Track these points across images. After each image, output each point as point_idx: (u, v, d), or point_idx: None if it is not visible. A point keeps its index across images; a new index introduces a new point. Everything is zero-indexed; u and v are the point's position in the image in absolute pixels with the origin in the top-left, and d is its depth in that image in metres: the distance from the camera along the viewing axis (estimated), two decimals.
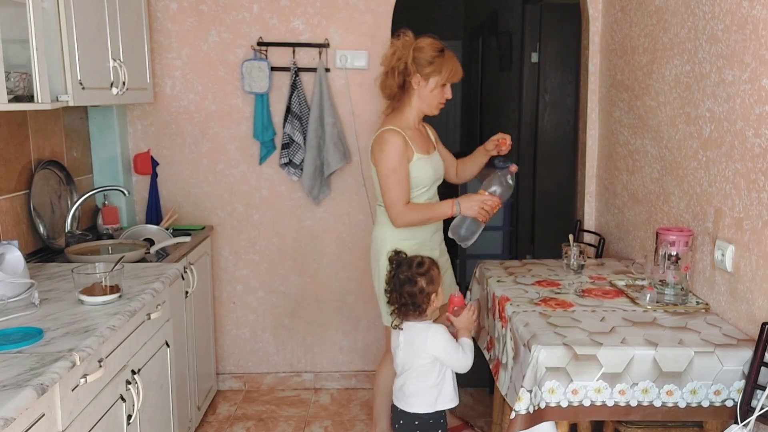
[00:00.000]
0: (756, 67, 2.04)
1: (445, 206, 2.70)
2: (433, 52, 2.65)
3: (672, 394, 1.96)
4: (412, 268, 2.29)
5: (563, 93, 5.17)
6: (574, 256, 2.77)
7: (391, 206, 2.64)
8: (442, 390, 2.37)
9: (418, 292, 2.28)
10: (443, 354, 2.30)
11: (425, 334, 2.30)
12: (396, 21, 3.54)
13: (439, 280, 2.34)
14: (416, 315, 2.32)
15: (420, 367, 2.33)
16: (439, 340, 2.29)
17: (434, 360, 2.32)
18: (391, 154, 2.61)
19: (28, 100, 2.17)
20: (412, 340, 2.32)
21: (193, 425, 3.10)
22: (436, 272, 2.33)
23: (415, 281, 2.28)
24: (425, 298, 2.29)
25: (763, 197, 2.00)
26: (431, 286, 2.30)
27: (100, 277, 2.07)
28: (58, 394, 1.60)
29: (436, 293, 2.32)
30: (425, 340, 2.29)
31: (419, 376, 2.33)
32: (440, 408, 2.38)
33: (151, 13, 3.38)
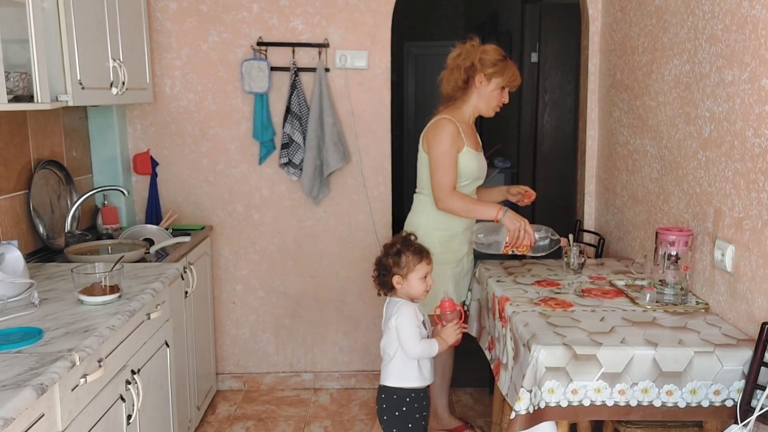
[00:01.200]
0: (756, 66, 2.04)
1: (491, 208, 2.76)
2: (498, 56, 2.83)
3: (672, 394, 1.96)
4: (389, 243, 2.46)
5: (563, 93, 5.18)
6: (574, 256, 2.77)
7: (438, 187, 2.76)
8: (407, 366, 2.41)
9: (384, 267, 2.41)
10: (400, 329, 2.38)
11: (394, 307, 2.41)
12: (396, 21, 3.55)
13: (412, 269, 2.38)
14: (382, 287, 2.46)
15: (387, 338, 2.44)
16: (401, 316, 2.38)
17: (396, 334, 2.40)
18: (444, 140, 2.75)
19: (27, 100, 2.17)
20: (387, 310, 2.46)
21: (193, 425, 3.10)
22: (410, 260, 2.38)
23: (387, 254, 2.42)
24: (389, 275, 2.40)
25: (762, 197, 2.00)
26: (397, 268, 2.39)
27: (99, 277, 2.07)
28: (57, 394, 1.60)
29: (402, 278, 2.39)
30: (392, 313, 2.41)
31: (386, 348, 2.44)
32: (405, 385, 2.42)
33: (151, 13, 3.38)
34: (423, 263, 2.41)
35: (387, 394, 2.45)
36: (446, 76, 2.87)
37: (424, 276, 2.41)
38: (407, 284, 2.41)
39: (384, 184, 3.59)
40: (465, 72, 2.80)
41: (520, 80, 2.91)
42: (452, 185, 2.75)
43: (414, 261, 2.39)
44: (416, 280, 2.40)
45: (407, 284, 2.41)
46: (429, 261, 2.44)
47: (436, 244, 2.82)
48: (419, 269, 2.40)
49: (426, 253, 2.43)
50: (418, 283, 2.41)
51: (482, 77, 2.80)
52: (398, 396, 2.43)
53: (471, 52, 2.81)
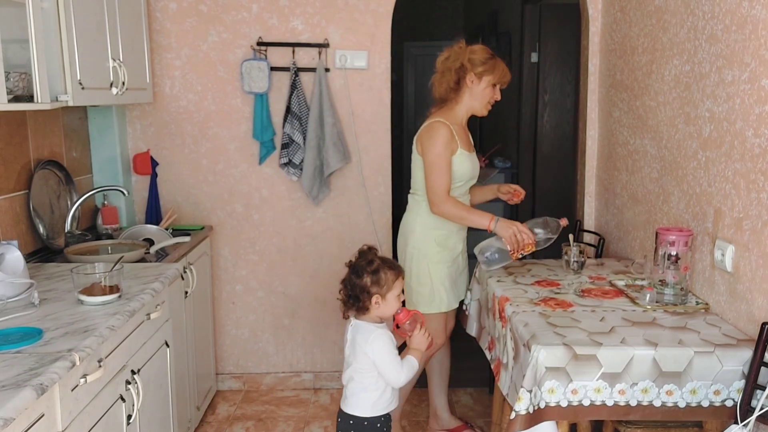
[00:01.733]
0: (756, 67, 2.04)
1: (484, 217, 2.78)
2: (486, 54, 2.90)
3: (672, 393, 1.96)
4: (363, 262, 2.22)
5: (563, 93, 5.18)
6: (574, 256, 2.77)
7: (433, 191, 2.77)
8: (383, 395, 2.26)
9: (360, 288, 2.19)
10: (379, 361, 2.20)
11: (367, 335, 2.20)
12: (396, 21, 3.55)
13: (392, 288, 2.20)
14: (357, 311, 2.23)
15: (359, 368, 2.24)
16: (379, 347, 2.19)
17: (372, 364, 2.22)
18: (438, 143, 2.76)
19: (27, 100, 2.17)
20: (355, 338, 2.24)
21: (193, 425, 3.10)
22: (389, 277, 2.20)
23: (361, 275, 2.20)
24: (367, 297, 2.19)
25: (762, 197, 2.00)
26: (376, 287, 2.18)
27: (99, 277, 2.07)
28: (57, 394, 1.60)
29: (381, 297, 2.19)
30: (366, 341, 2.20)
31: (357, 377, 2.25)
32: (377, 413, 2.26)
33: (151, 13, 3.38)
34: (400, 279, 2.23)
35: (356, 422, 2.25)
36: (437, 79, 2.89)
37: (399, 293, 2.24)
38: (385, 304, 2.21)
39: (384, 184, 3.59)
40: (456, 73, 2.83)
41: (510, 76, 2.93)
42: (447, 189, 2.77)
43: (392, 278, 2.21)
44: (393, 298, 2.22)
45: (385, 304, 2.21)
46: (403, 275, 2.27)
47: (433, 244, 2.86)
48: (397, 286, 2.22)
49: (400, 268, 2.27)
50: (395, 302, 2.23)
51: (473, 76, 2.83)
52: (369, 423, 2.25)
53: (459, 53, 2.85)
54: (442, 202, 2.76)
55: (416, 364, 2.24)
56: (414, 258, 2.88)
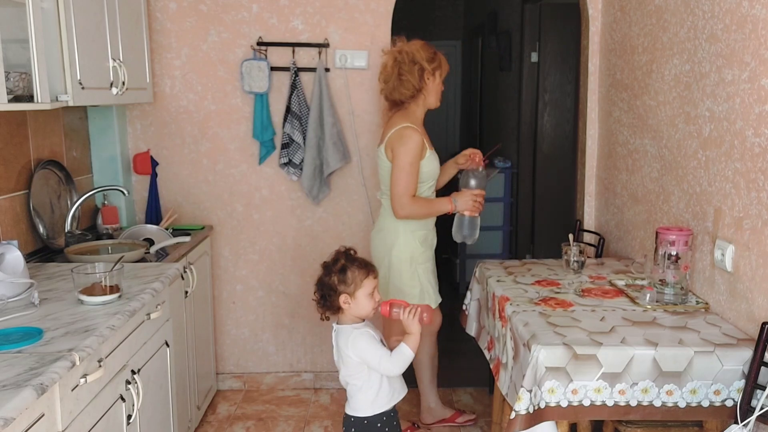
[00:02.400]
0: (756, 66, 2.04)
1: (443, 202, 2.89)
2: (431, 49, 2.91)
3: (672, 393, 1.96)
4: (330, 260, 2.23)
5: (563, 93, 5.18)
6: (574, 256, 2.77)
7: (398, 197, 2.80)
8: (380, 392, 2.23)
9: (328, 287, 2.18)
10: (367, 360, 2.18)
11: (347, 339, 2.19)
12: (396, 21, 3.55)
13: (360, 286, 2.17)
14: (327, 311, 2.23)
15: (349, 371, 2.23)
16: (361, 348, 2.18)
17: (360, 362, 2.20)
18: (411, 150, 2.79)
19: (27, 100, 2.17)
20: (338, 342, 2.23)
21: (193, 425, 3.10)
22: (357, 275, 2.18)
23: (329, 272, 2.20)
24: (335, 295, 2.18)
25: (762, 197, 2.00)
26: (343, 285, 2.17)
27: (99, 276, 2.07)
28: (57, 394, 1.60)
29: (350, 296, 2.17)
30: (347, 345, 2.19)
31: (350, 380, 2.25)
32: (378, 411, 2.24)
33: (151, 13, 3.38)
34: (370, 277, 2.20)
35: (356, 422, 2.26)
36: (396, 84, 2.85)
37: (371, 292, 2.20)
38: (355, 303, 2.18)
39: None
40: (418, 74, 2.83)
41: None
42: (412, 194, 2.82)
43: (360, 276, 2.18)
44: (364, 297, 2.19)
45: (355, 303, 2.18)
46: (375, 275, 2.23)
47: (418, 245, 2.91)
48: (366, 284, 2.19)
49: (372, 267, 2.23)
50: (366, 301, 2.19)
51: (429, 74, 2.87)
52: (369, 422, 2.24)
53: (409, 53, 2.84)
54: (407, 206, 2.80)
55: (407, 350, 2.18)
56: (402, 261, 2.89)
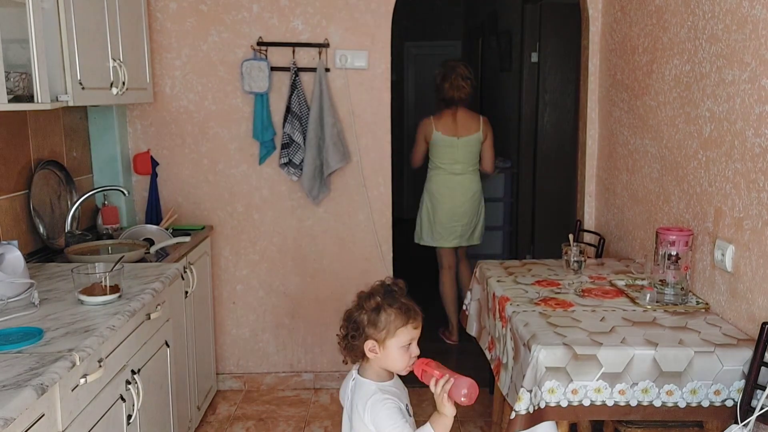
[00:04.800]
0: (756, 66, 2.04)
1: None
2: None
3: (672, 393, 1.96)
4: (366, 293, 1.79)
5: (563, 93, 5.18)
6: (574, 256, 2.77)
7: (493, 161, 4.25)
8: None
9: (355, 326, 1.76)
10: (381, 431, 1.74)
11: (365, 399, 1.76)
12: (396, 21, 3.55)
13: (393, 335, 1.73)
14: (351, 355, 1.81)
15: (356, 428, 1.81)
16: (381, 413, 1.73)
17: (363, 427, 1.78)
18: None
19: (28, 100, 2.17)
20: (354, 398, 1.81)
21: (193, 425, 3.10)
22: (393, 321, 1.73)
23: (361, 307, 1.77)
24: (359, 337, 1.75)
25: (763, 197, 2.00)
26: (372, 329, 1.73)
27: (99, 277, 2.07)
28: (58, 394, 1.60)
29: (379, 343, 1.74)
30: (364, 408, 1.75)
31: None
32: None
33: (151, 13, 3.38)
34: (409, 326, 1.74)
35: None
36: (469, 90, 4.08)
37: (407, 344, 1.75)
38: (384, 354, 1.74)
39: (384, 184, 3.59)
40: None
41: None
42: None
43: (397, 322, 1.73)
44: (397, 349, 1.74)
45: (384, 354, 1.74)
46: (417, 324, 1.77)
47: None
48: (402, 335, 1.73)
49: (415, 314, 1.76)
50: (399, 354, 1.74)
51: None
52: None
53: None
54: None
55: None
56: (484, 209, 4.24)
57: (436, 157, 4.11)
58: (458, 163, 4.08)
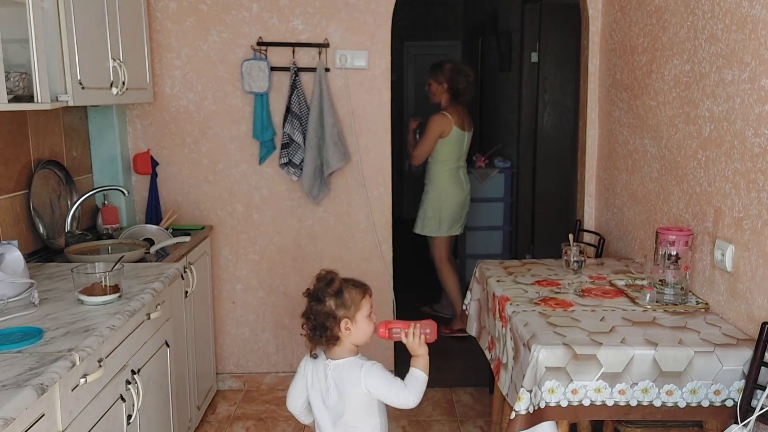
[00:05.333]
0: (756, 66, 2.04)
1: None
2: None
3: (672, 393, 1.96)
4: (322, 285, 1.97)
5: (563, 93, 5.18)
6: (574, 256, 2.77)
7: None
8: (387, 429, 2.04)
9: (325, 315, 1.92)
10: (382, 394, 1.94)
11: (357, 373, 1.93)
12: (396, 21, 3.55)
13: (360, 308, 1.95)
14: (327, 343, 1.95)
15: (358, 410, 1.96)
16: (376, 381, 1.93)
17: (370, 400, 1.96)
18: None
19: (27, 100, 2.17)
20: (342, 381, 1.95)
21: (193, 425, 3.10)
22: (355, 296, 1.95)
23: (322, 300, 1.94)
24: (334, 322, 1.92)
25: (762, 197, 2.00)
26: (342, 310, 1.92)
27: (99, 276, 2.07)
28: (57, 394, 1.60)
29: (351, 320, 1.93)
30: (359, 380, 1.93)
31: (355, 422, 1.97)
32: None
33: (151, 13, 3.38)
34: (366, 296, 1.98)
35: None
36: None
37: (369, 313, 1.98)
38: (355, 328, 1.94)
39: (384, 184, 3.59)
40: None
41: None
42: None
43: (358, 296, 1.95)
44: (364, 319, 1.95)
45: (355, 328, 1.94)
46: (370, 293, 2.01)
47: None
48: (364, 305, 1.96)
49: (363, 284, 2.01)
50: (366, 324, 1.96)
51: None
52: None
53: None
54: None
55: (421, 375, 1.96)
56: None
57: (445, 153, 4.23)
58: (462, 157, 4.31)
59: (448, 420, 3.30)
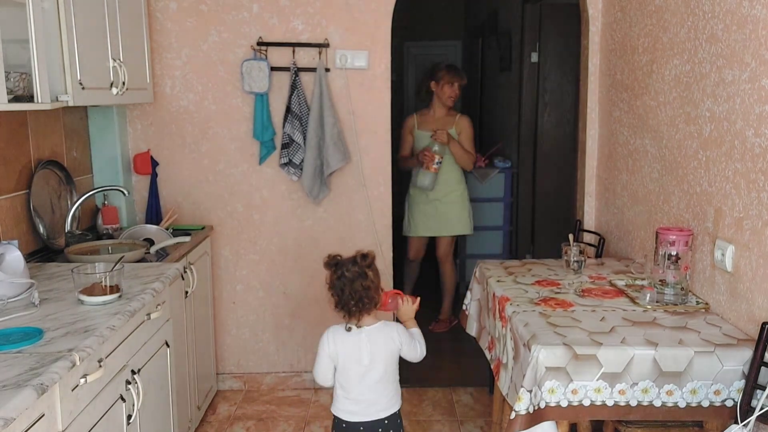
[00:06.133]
0: (756, 66, 2.04)
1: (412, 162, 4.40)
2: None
3: (672, 393, 1.96)
4: (359, 263, 2.21)
5: (563, 93, 5.18)
6: (574, 256, 2.77)
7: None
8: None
9: (371, 285, 2.20)
10: (406, 348, 2.26)
11: (391, 333, 2.24)
12: (396, 21, 3.55)
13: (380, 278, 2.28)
14: (370, 310, 2.23)
15: (391, 365, 2.26)
16: (405, 337, 2.26)
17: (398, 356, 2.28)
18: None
19: (28, 100, 2.17)
20: (378, 343, 2.22)
21: (193, 425, 3.10)
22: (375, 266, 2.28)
23: (366, 275, 2.20)
24: (377, 290, 2.22)
25: (763, 197, 2.00)
26: (378, 277, 2.23)
27: (100, 277, 2.07)
28: (58, 394, 1.60)
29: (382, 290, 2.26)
30: (392, 339, 2.23)
31: (388, 377, 2.26)
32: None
33: (151, 13, 3.38)
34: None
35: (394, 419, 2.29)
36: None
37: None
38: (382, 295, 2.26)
39: (384, 184, 3.59)
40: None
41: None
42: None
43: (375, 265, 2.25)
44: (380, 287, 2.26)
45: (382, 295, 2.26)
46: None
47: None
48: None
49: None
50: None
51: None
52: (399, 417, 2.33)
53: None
54: None
55: (419, 331, 2.35)
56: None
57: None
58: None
59: (448, 420, 3.30)
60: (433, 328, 4.48)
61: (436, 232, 4.39)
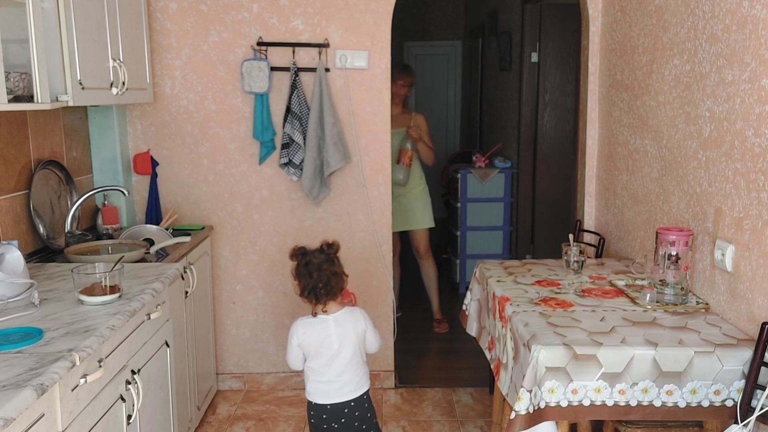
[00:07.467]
0: (756, 66, 2.04)
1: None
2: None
3: (672, 393, 1.96)
4: (326, 251, 2.36)
5: (563, 93, 5.18)
6: (574, 256, 2.77)
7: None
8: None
9: (338, 271, 2.35)
10: (371, 332, 2.45)
11: (357, 316, 2.41)
12: (396, 21, 3.55)
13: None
14: (336, 296, 2.37)
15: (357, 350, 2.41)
16: (367, 319, 2.45)
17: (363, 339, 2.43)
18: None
19: (27, 100, 2.17)
20: (346, 326, 2.38)
21: (193, 425, 3.10)
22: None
23: (333, 260, 2.36)
24: (342, 277, 2.36)
25: (763, 197, 2.00)
26: (341, 267, 2.38)
27: (99, 277, 2.07)
28: (58, 394, 1.60)
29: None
30: (358, 321, 2.41)
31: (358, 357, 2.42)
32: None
33: (151, 13, 3.38)
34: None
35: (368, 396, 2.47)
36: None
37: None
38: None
39: (384, 184, 3.59)
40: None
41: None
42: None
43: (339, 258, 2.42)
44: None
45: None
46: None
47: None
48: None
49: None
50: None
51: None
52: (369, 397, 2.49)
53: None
54: None
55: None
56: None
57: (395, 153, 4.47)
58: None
59: (448, 420, 3.30)
60: (437, 329, 4.46)
61: (403, 227, 4.47)
